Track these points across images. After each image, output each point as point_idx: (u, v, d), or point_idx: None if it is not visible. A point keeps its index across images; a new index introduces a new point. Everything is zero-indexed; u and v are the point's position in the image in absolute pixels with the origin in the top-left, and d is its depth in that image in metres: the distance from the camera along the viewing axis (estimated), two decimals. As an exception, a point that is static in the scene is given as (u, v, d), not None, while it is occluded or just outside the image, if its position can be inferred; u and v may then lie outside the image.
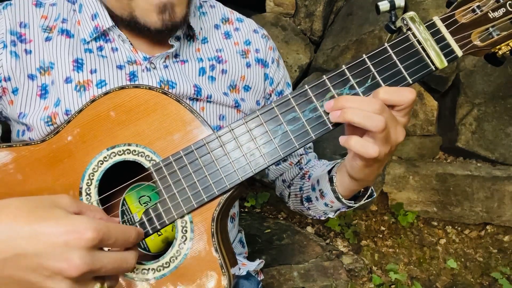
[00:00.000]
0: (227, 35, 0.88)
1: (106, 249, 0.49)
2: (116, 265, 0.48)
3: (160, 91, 0.65)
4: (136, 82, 0.75)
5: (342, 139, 0.58)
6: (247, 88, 0.88)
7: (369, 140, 0.57)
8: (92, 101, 0.65)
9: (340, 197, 0.72)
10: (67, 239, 0.43)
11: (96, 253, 0.46)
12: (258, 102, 0.90)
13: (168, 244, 0.75)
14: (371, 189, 0.75)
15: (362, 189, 0.74)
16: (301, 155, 0.96)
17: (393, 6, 0.60)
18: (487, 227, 2.30)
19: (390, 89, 0.57)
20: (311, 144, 0.99)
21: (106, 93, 0.65)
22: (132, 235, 0.51)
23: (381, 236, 2.27)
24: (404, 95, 0.56)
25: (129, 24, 0.71)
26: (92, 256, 0.45)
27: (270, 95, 0.93)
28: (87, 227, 0.44)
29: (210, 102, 0.81)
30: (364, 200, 0.75)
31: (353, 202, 0.74)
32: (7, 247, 0.43)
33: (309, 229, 2.26)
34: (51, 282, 0.44)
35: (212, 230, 0.63)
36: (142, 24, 0.69)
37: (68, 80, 0.73)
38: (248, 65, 0.88)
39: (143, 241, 0.74)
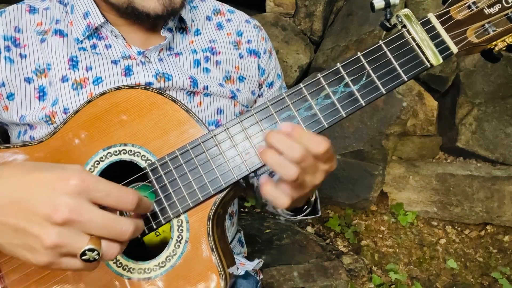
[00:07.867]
0: (220, 26, 0.88)
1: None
2: (107, 223, 0.45)
3: (156, 91, 0.65)
4: (132, 77, 0.75)
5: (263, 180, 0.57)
6: (241, 79, 0.88)
7: (283, 188, 0.57)
8: (88, 101, 0.65)
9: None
10: (54, 185, 0.44)
11: (84, 203, 0.45)
12: (253, 92, 0.91)
13: (166, 245, 0.74)
14: (315, 207, 0.75)
15: (304, 205, 0.73)
16: None
17: (387, 4, 0.60)
18: (487, 227, 2.29)
19: (303, 134, 0.55)
20: None
21: (102, 94, 0.65)
22: (130, 197, 0.47)
23: (381, 236, 2.26)
24: (316, 145, 0.54)
25: (126, 12, 0.71)
26: (77, 204, 0.44)
27: (262, 86, 0.94)
28: (74, 174, 0.45)
29: (207, 95, 0.81)
30: (304, 216, 0.75)
31: (293, 214, 0.75)
32: (3, 195, 0.45)
33: (309, 229, 2.26)
34: (40, 228, 0.44)
35: (208, 229, 0.63)
36: (141, 10, 0.70)
37: (64, 79, 0.74)
38: (241, 56, 0.88)
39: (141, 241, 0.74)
